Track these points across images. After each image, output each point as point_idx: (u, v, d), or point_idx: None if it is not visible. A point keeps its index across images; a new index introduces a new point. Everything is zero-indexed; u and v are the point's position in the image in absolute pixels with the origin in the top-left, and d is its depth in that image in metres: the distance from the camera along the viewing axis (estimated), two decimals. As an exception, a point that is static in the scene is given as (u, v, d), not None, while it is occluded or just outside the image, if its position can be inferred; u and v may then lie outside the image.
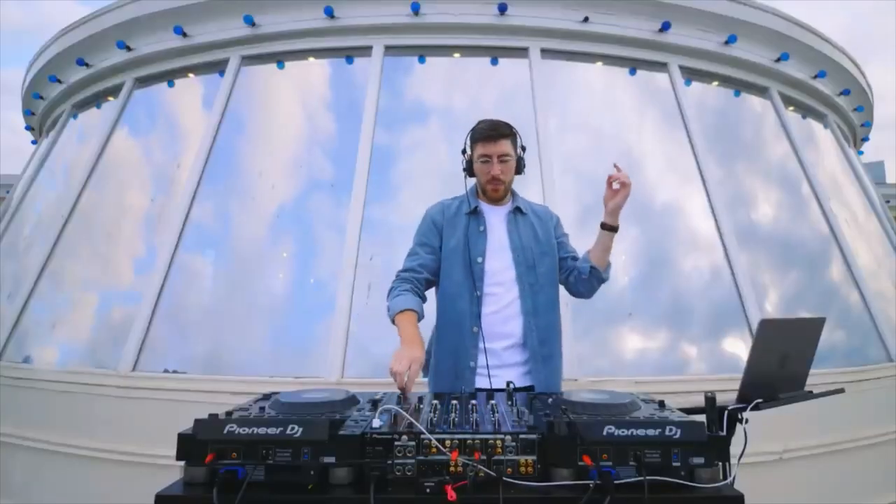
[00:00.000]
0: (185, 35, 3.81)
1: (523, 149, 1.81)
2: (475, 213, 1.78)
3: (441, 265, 1.76)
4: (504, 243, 1.76)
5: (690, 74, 3.98)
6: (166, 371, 2.91)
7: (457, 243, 1.74)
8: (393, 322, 1.62)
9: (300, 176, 3.49)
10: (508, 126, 1.76)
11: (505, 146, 1.72)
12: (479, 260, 1.72)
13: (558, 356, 1.77)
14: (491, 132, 1.72)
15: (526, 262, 1.74)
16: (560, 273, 1.83)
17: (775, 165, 4.12)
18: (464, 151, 1.83)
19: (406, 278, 1.72)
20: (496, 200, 1.82)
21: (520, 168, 1.81)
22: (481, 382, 1.65)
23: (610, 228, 1.72)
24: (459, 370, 1.67)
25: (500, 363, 1.68)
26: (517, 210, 1.81)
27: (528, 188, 3.27)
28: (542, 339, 1.71)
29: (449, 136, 3.46)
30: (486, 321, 1.68)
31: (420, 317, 1.64)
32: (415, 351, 1.46)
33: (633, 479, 0.90)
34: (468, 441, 0.94)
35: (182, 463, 0.94)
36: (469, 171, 1.82)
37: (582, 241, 3.22)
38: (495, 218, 1.80)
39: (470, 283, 1.70)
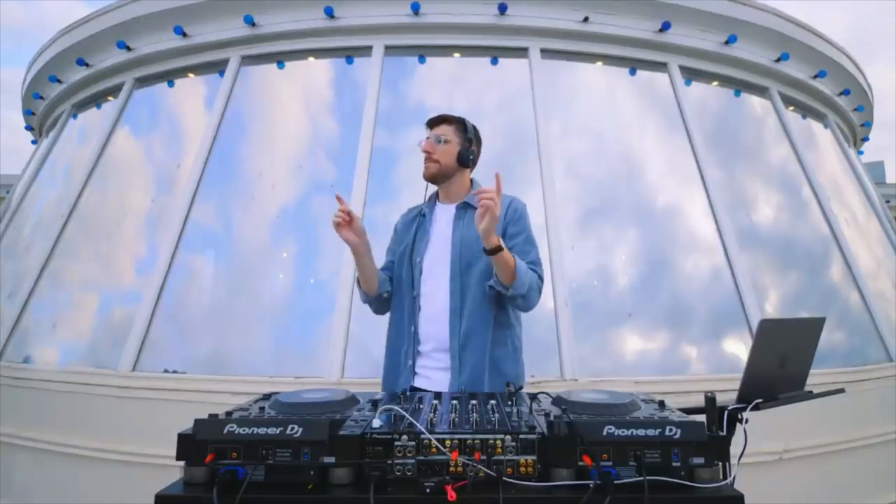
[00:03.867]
0: (185, 35, 3.82)
1: (469, 141, 1.76)
2: (424, 215, 1.80)
3: (394, 269, 1.81)
4: (445, 242, 1.72)
5: (690, 74, 3.98)
6: (166, 371, 2.91)
7: (405, 247, 1.77)
8: (359, 284, 1.76)
9: (300, 176, 3.49)
10: (456, 116, 1.78)
11: (443, 129, 1.74)
12: (418, 260, 1.73)
13: (482, 364, 1.61)
14: (433, 117, 1.78)
15: (462, 261, 1.66)
16: None
17: (775, 165, 4.12)
18: None
19: None
20: (451, 195, 1.77)
21: (463, 159, 1.73)
22: (417, 381, 1.65)
23: (489, 252, 1.50)
24: (399, 366, 1.69)
25: (433, 365, 1.66)
26: (466, 205, 1.74)
27: (528, 187, 3.28)
28: (462, 344, 1.61)
29: (449, 136, 3.45)
30: (421, 321, 1.68)
31: (381, 278, 1.76)
32: None
33: (633, 479, 0.90)
34: (468, 441, 0.94)
35: (182, 463, 0.94)
36: None
37: (581, 243, 3.25)
38: (443, 216, 1.77)
39: (410, 284, 1.72)
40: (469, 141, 1.76)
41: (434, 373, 1.65)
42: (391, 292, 1.79)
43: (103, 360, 3.05)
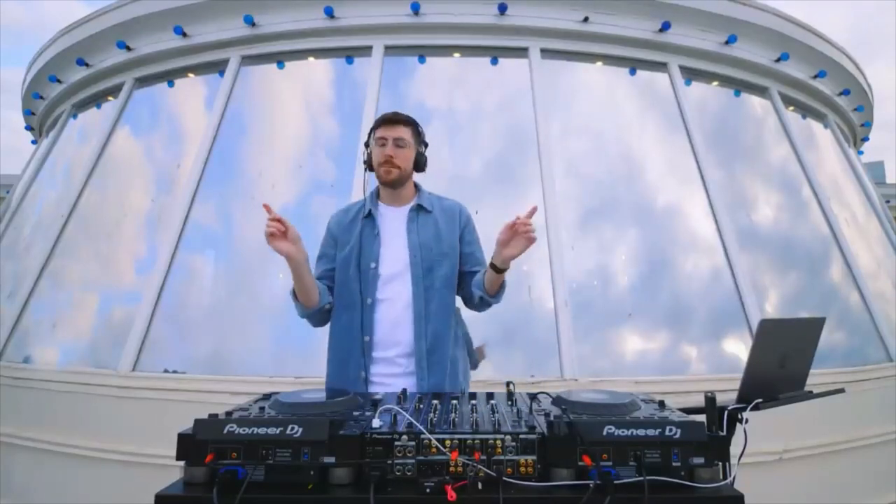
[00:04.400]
0: (185, 35, 3.82)
1: (425, 145, 1.75)
2: (370, 216, 1.70)
3: (336, 275, 1.69)
4: (401, 245, 1.67)
5: (690, 74, 3.98)
6: (166, 371, 2.91)
7: (350, 250, 1.66)
8: (296, 297, 1.61)
9: (300, 176, 3.49)
10: (411, 117, 1.73)
11: (402, 131, 1.68)
12: (373, 265, 1.64)
13: (447, 364, 1.63)
14: (391, 116, 1.70)
15: (423, 264, 1.64)
16: (459, 286, 1.72)
17: (775, 165, 4.12)
18: (366, 145, 1.76)
19: None
20: (400, 198, 1.72)
21: (420, 164, 1.72)
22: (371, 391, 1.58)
23: (499, 270, 1.55)
24: (350, 379, 1.60)
25: (391, 372, 1.60)
26: (419, 208, 1.71)
27: (528, 187, 3.28)
28: (430, 347, 1.61)
29: (449, 136, 3.46)
30: (378, 328, 1.61)
31: (321, 289, 1.64)
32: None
33: (633, 479, 0.90)
34: (468, 441, 0.94)
35: (182, 463, 0.94)
36: (368, 164, 1.75)
37: (581, 243, 3.25)
38: (394, 219, 1.71)
39: (361, 290, 1.63)
40: (423, 145, 1.74)
41: (392, 379, 1.58)
42: (333, 302, 1.68)
43: (103, 360, 3.05)
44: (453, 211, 1.76)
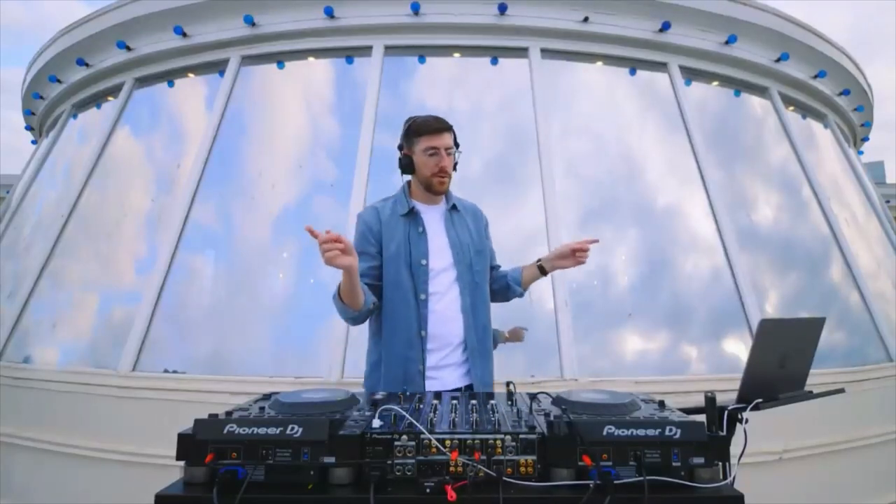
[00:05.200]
0: (185, 35, 3.82)
1: (457, 146, 1.76)
2: (412, 214, 1.73)
3: (383, 272, 1.70)
4: (444, 243, 1.75)
5: (690, 74, 3.98)
6: (166, 371, 2.91)
7: (397, 248, 1.69)
8: (339, 297, 1.54)
9: (300, 176, 3.49)
10: (448, 120, 1.75)
11: (449, 139, 1.71)
12: (423, 262, 1.69)
13: (492, 354, 1.81)
14: (439, 125, 1.70)
15: (464, 261, 1.74)
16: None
17: (775, 165, 4.12)
18: (400, 147, 1.77)
19: None
20: (434, 198, 1.78)
21: (455, 169, 1.77)
22: (429, 385, 1.66)
23: (544, 272, 1.84)
24: (409, 375, 1.64)
25: (446, 363, 1.69)
26: (454, 208, 1.80)
27: (528, 187, 3.28)
28: (479, 338, 1.73)
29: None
30: (431, 323, 1.67)
31: (364, 289, 1.57)
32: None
33: (633, 479, 0.90)
34: (468, 441, 0.94)
35: (182, 463, 0.94)
36: (407, 168, 1.75)
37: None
38: (432, 217, 1.77)
39: (414, 287, 1.68)
40: (457, 146, 1.77)
41: (446, 371, 1.69)
42: (376, 301, 1.67)
43: (103, 360, 3.05)
44: (476, 212, 1.90)
